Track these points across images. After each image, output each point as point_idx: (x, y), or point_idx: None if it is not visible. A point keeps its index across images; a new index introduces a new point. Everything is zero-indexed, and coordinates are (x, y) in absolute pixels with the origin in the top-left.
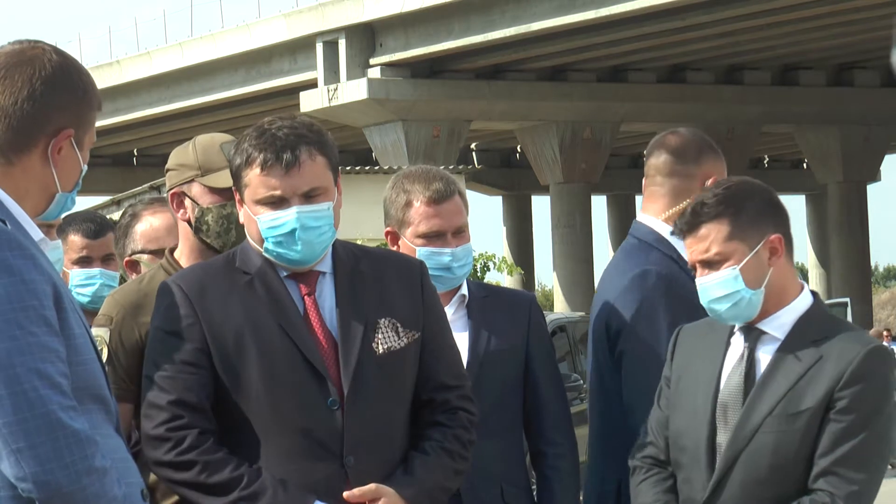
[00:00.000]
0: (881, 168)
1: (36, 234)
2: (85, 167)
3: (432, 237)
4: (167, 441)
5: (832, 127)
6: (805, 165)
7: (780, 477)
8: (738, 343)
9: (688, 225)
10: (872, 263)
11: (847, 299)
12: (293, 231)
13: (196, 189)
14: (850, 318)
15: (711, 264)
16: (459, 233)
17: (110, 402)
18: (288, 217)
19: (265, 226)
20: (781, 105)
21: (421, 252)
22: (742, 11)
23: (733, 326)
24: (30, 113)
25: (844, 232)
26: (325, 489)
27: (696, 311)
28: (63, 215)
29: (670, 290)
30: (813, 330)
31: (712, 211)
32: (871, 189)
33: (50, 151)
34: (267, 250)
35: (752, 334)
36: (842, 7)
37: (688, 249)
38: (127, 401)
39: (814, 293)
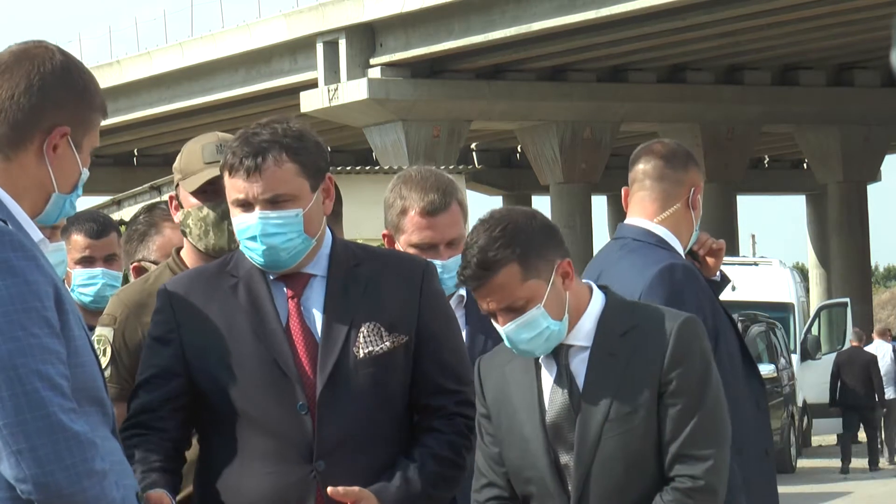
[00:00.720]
0: (881, 168)
1: (35, 234)
2: (85, 171)
3: (424, 248)
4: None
5: (832, 127)
6: (805, 165)
7: (637, 476)
8: (548, 363)
9: (478, 279)
10: (872, 263)
11: (847, 299)
12: (255, 236)
13: (181, 192)
14: (849, 319)
15: (515, 310)
16: (453, 244)
17: (107, 404)
18: (250, 221)
19: (236, 228)
20: (781, 105)
21: None
22: (742, 11)
23: None
24: (25, 108)
25: (844, 232)
26: (295, 494)
27: (714, 303)
28: (63, 219)
29: (697, 282)
30: (617, 325)
31: (499, 256)
32: (871, 189)
33: (45, 148)
34: (243, 252)
35: (561, 351)
36: (842, 7)
37: (482, 300)
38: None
39: (603, 288)
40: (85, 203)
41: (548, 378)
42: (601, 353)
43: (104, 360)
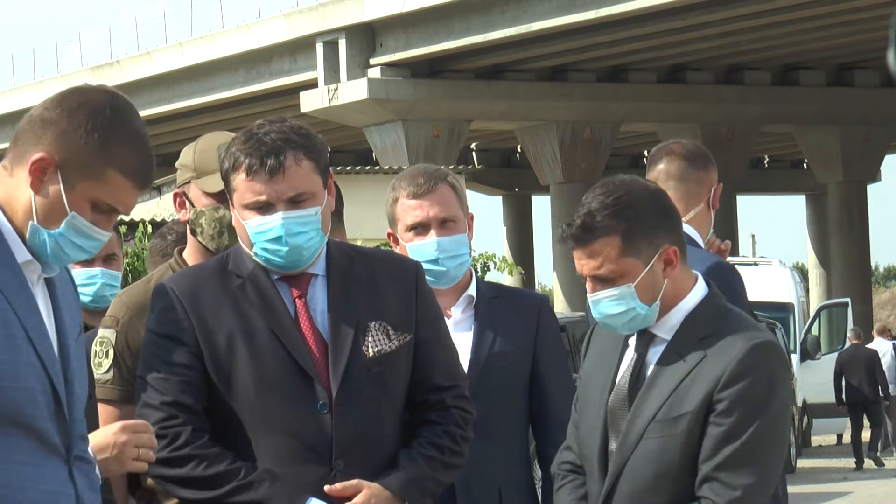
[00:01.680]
0: (881, 168)
1: (21, 255)
2: (75, 215)
3: (418, 229)
4: (162, 438)
5: (832, 127)
6: (805, 165)
7: (666, 484)
8: (633, 347)
9: (577, 239)
10: (872, 263)
11: (847, 300)
12: (279, 237)
13: (193, 191)
14: (850, 319)
15: (605, 281)
16: (445, 223)
17: (50, 431)
18: (274, 223)
19: (252, 231)
20: (781, 105)
21: (410, 248)
22: (742, 11)
23: None
24: (31, 127)
25: (844, 232)
26: (314, 493)
27: (748, 303)
28: (72, 263)
29: (740, 280)
30: (701, 327)
31: (604, 224)
32: (871, 189)
33: (27, 169)
34: (256, 254)
35: (644, 337)
36: (842, 7)
37: (577, 261)
38: (132, 402)
39: (709, 284)
40: None
41: (626, 362)
42: (675, 351)
43: (107, 363)
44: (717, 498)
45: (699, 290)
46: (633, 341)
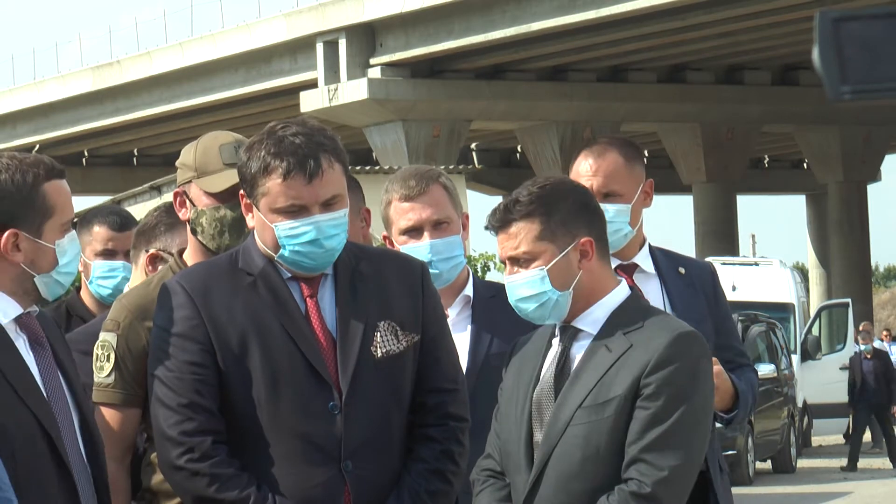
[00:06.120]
0: (881, 168)
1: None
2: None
3: (411, 232)
4: (180, 445)
5: (832, 127)
6: (805, 165)
7: (592, 468)
8: (556, 343)
9: (500, 221)
10: (872, 263)
11: (848, 300)
12: (314, 240)
13: (194, 190)
14: (851, 319)
15: (520, 262)
16: (439, 225)
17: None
18: (309, 227)
19: (284, 234)
20: (781, 105)
21: (403, 250)
22: (742, 11)
23: (555, 328)
24: None
25: (844, 232)
26: (323, 494)
27: None
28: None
29: None
30: (626, 322)
31: (524, 209)
32: (871, 189)
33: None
34: (282, 257)
35: (569, 332)
36: (842, 7)
37: (499, 246)
38: (134, 406)
39: (631, 288)
40: (85, 203)
41: (550, 357)
42: (600, 344)
43: (108, 366)
44: (645, 478)
45: (623, 289)
46: (555, 340)
